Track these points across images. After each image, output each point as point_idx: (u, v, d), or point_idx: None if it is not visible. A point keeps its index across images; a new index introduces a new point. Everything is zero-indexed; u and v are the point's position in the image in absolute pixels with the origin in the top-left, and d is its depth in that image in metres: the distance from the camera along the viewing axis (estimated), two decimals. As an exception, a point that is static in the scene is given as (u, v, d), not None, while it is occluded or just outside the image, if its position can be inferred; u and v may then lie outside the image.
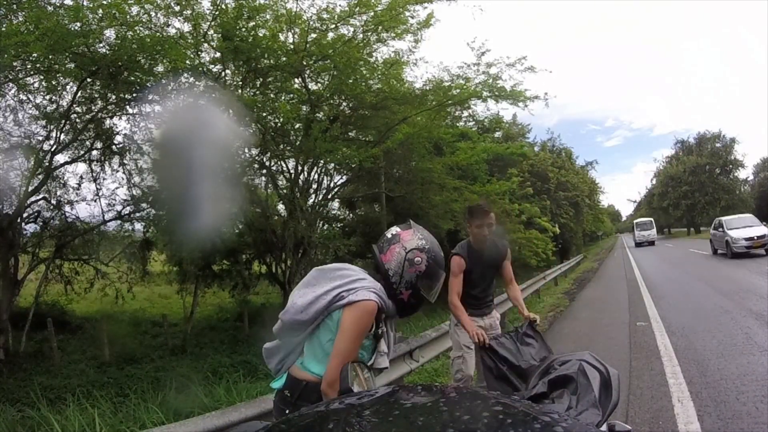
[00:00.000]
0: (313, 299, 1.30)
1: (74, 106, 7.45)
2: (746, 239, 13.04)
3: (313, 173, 9.75)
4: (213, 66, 7.73)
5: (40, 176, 7.80)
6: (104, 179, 8.84)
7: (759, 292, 7.22)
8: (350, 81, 8.20)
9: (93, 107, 7.69)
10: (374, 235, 8.49)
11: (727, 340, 4.61)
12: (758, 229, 13.48)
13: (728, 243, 13.51)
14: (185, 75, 6.94)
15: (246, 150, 8.62)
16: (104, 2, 5.83)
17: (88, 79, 6.90)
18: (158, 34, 6.61)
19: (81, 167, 9.26)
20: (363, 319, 1.27)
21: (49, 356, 7.76)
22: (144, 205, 9.07)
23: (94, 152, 8.61)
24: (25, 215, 8.27)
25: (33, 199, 8.14)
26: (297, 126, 8.75)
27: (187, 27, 7.17)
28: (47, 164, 7.74)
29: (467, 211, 2.90)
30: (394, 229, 1.40)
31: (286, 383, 1.35)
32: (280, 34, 7.73)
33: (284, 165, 9.54)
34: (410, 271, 1.34)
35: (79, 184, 8.79)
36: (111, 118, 8.12)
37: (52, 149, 7.67)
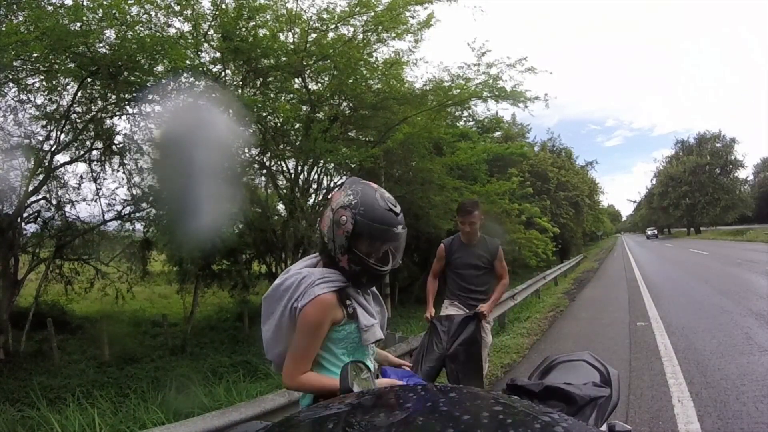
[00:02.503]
0: (275, 327, 1.27)
1: (74, 106, 7.45)
2: None
3: (313, 173, 9.75)
4: (213, 66, 7.73)
5: (40, 176, 7.80)
6: (104, 179, 8.85)
7: (759, 292, 7.23)
8: (350, 81, 8.19)
9: (93, 107, 7.69)
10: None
11: (727, 340, 4.61)
12: None
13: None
14: (185, 75, 6.94)
15: (246, 150, 8.62)
16: (104, 2, 5.83)
17: (88, 79, 6.89)
18: (158, 34, 6.60)
19: (81, 167, 9.29)
20: (311, 316, 1.21)
21: (49, 356, 7.76)
22: (144, 205, 9.06)
23: (94, 152, 8.61)
24: (25, 215, 8.27)
25: (33, 199, 8.14)
26: (297, 126, 8.75)
27: (187, 27, 7.17)
28: (47, 164, 7.73)
29: (458, 205, 3.08)
30: (333, 193, 1.33)
31: (314, 396, 1.29)
32: (280, 34, 7.73)
33: (284, 165, 9.54)
34: (339, 233, 1.22)
35: (79, 184, 8.80)
36: (111, 118, 8.12)
37: (52, 149, 7.67)
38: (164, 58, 6.44)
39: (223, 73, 7.86)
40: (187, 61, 6.59)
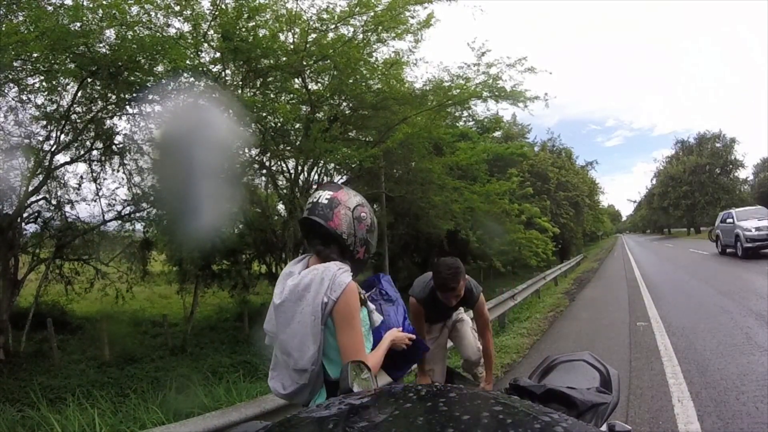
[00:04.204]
0: (303, 327, 1.23)
1: (74, 106, 7.46)
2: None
3: (313, 173, 9.76)
4: (213, 66, 7.73)
5: (40, 176, 7.80)
6: (104, 179, 8.87)
7: (759, 292, 7.22)
8: (350, 81, 8.20)
9: (93, 107, 7.69)
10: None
11: (727, 340, 4.61)
12: None
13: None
14: (185, 75, 6.94)
15: (246, 150, 8.62)
16: (104, 2, 5.84)
17: (88, 79, 6.90)
18: (158, 34, 6.61)
19: (81, 167, 9.29)
20: (352, 303, 1.24)
21: (49, 356, 7.75)
22: (144, 205, 9.07)
23: (95, 152, 8.62)
24: (25, 215, 8.27)
25: (33, 199, 8.14)
26: (297, 126, 8.75)
27: (187, 27, 7.18)
28: (47, 164, 7.74)
29: (433, 271, 2.35)
30: (326, 194, 1.33)
31: (328, 394, 1.27)
32: (280, 34, 7.73)
33: (284, 165, 9.55)
34: (360, 228, 1.34)
35: (79, 184, 8.81)
36: (111, 118, 8.13)
37: (52, 149, 7.67)
38: (164, 58, 6.44)
39: (223, 73, 7.86)
40: (187, 61, 6.60)
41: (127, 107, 7.77)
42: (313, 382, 1.27)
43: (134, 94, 7.18)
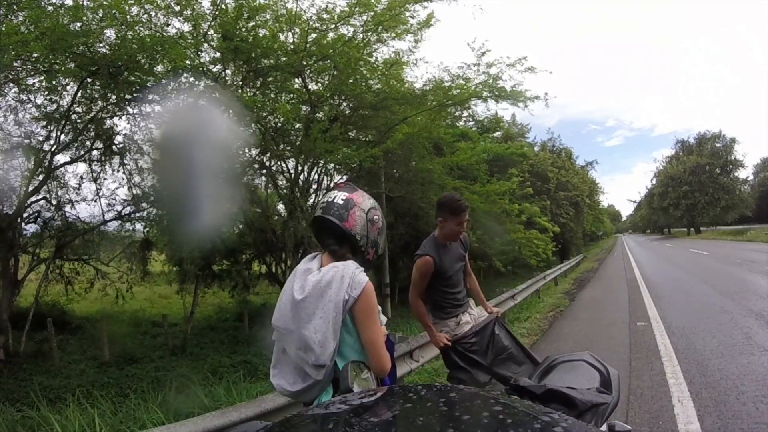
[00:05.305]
0: (327, 323, 1.24)
1: (74, 106, 7.45)
2: None
3: (313, 173, 9.75)
4: (213, 66, 7.73)
5: (40, 176, 7.80)
6: (104, 179, 8.84)
7: (759, 292, 7.23)
8: (350, 81, 8.20)
9: (93, 107, 7.69)
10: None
11: (727, 340, 4.61)
12: None
13: None
14: (185, 75, 6.94)
15: (246, 150, 8.62)
16: (104, 2, 5.84)
17: (88, 79, 6.89)
18: (158, 34, 6.60)
19: (81, 167, 9.28)
20: (371, 300, 1.29)
21: (49, 356, 7.76)
22: (144, 205, 9.06)
23: (95, 152, 8.60)
24: (25, 215, 8.27)
25: (33, 199, 8.14)
26: (297, 126, 8.75)
27: (187, 27, 7.17)
28: (47, 164, 7.74)
29: (443, 205, 2.51)
30: (342, 194, 1.38)
31: (335, 391, 1.29)
32: (280, 34, 7.73)
33: (284, 165, 9.54)
34: (373, 230, 1.40)
35: (79, 184, 8.79)
36: (111, 118, 8.12)
37: (53, 149, 7.67)
38: (164, 58, 6.43)
39: (223, 73, 7.86)
40: (187, 61, 6.59)
41: (127, 107, 7.76)
42: (326, 379, 1.29)
43: (134, 94, 7.17)
